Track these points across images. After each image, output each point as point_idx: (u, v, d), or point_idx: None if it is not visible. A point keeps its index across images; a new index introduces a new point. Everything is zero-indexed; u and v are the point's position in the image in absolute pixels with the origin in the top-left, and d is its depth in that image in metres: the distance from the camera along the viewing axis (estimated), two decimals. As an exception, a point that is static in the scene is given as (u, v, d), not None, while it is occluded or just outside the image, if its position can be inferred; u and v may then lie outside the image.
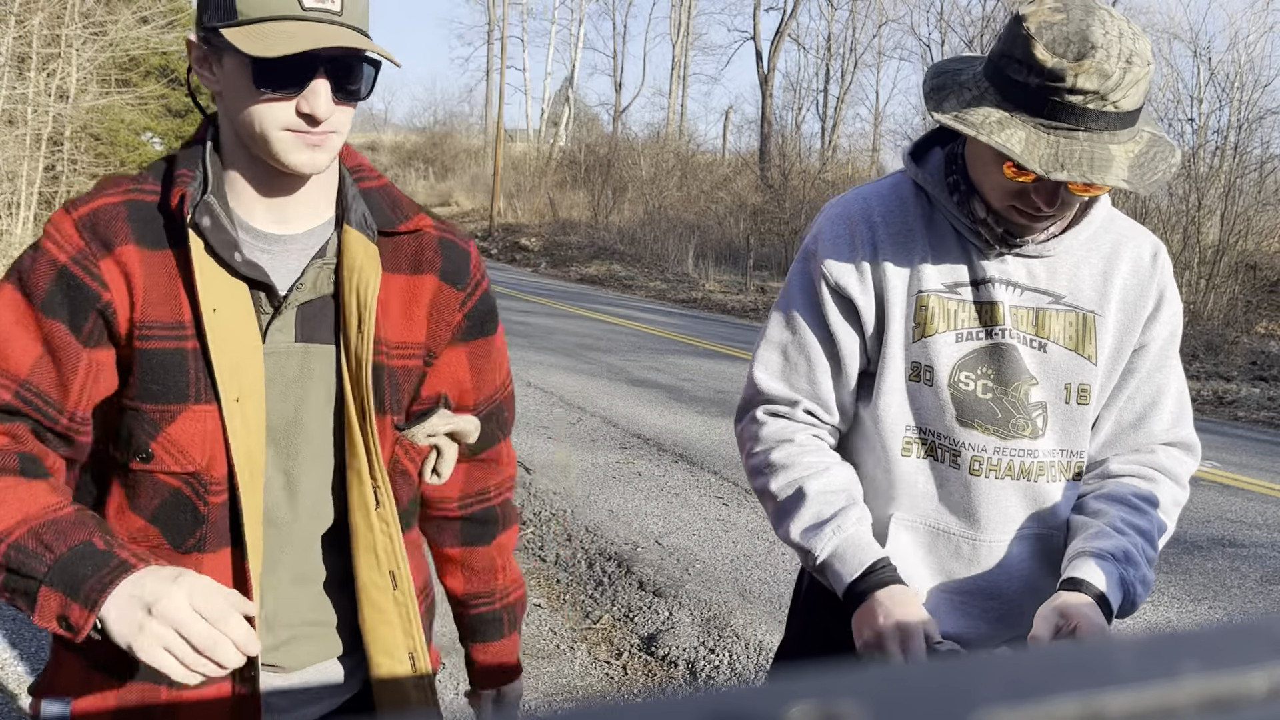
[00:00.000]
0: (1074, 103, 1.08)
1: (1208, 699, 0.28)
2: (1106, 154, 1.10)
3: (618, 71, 41.59)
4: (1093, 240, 1.27)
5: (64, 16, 12.29)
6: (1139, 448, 1.31)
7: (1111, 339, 1.26)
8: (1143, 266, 1.27)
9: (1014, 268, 1.25)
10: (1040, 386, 1.25)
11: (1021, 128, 1.10)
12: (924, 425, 1.27)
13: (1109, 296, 1.26)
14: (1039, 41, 1.08)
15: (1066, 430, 1.27)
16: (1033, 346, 1.25)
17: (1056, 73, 1.07)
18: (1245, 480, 5.83)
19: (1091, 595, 1.16)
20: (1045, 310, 1.25)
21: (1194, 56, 17.26)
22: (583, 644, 3.30)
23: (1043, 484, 1.27)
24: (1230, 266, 13.33)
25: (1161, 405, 1.30)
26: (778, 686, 0.27)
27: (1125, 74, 1.08)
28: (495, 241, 24.61)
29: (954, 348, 1.25)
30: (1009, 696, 0.27)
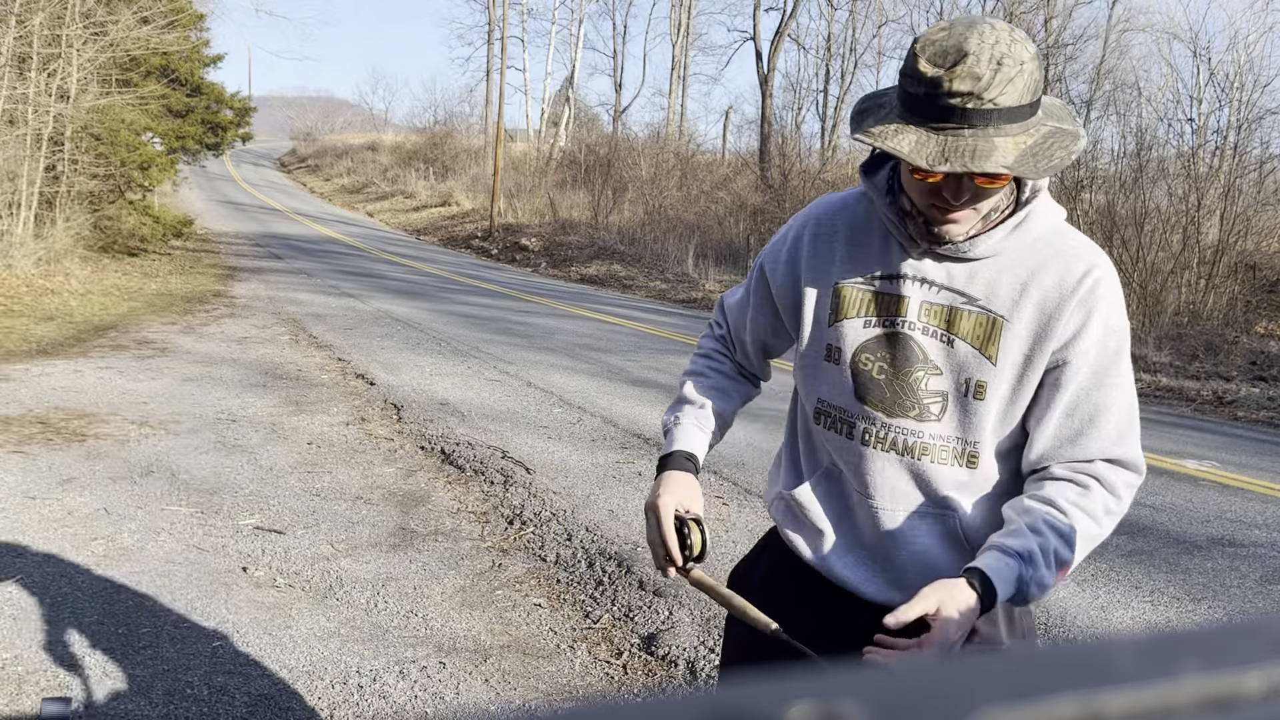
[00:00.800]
0: (953, 104, 1.22)
1: (1207, 699, 0.28)
2: (990, 145, 1.22)
3: (618, 71, 41.56)
4: (1026, 252, 1.37)
5: (64, 16, 12.29)
6: (1079, 459, 1.37)
7: (1019, 346, 1.36)
8: (1067, 284, 1.35)
9: (932, 268, 1.38)
10: (943, 377, 1.38)
11: (914, 132, 1.25)
12: (829, 399, 1.47)
13: (1023, 306, 1.35)
14: (922, 56, 1.24)
15: (961, 420, 1.39)
16: (940, 340, 1.38)
17: (935, 80, 1.22)
18: (1245, 480, 5.82)
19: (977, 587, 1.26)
20: (958, 309, 1.37)
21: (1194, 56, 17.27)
22: (583, 644, 3.30)
23: (927, 463, 1.40)
24: (1230, 266, 13.33)
25: (1101, 423, 1.36)
26: (778, 686, 0.27)
27: (996, 74, 1.21)
28: (495, 241, 24.59)
29: (859, 332, 1.42)
30: (1009, 696, 0.27)
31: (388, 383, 7.35)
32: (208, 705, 2.75)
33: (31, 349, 7.96)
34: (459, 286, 15.58)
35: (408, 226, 30.40)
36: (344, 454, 5.43)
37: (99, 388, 6.63)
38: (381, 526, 4.31)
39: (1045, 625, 3.61)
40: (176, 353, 8.18)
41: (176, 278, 13.88)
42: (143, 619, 3.26)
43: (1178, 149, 16.03)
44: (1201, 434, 7.41)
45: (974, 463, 1.40)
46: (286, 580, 3.67)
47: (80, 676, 2.86)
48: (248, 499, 4.57)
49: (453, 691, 2.93)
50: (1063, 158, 1.24)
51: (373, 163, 42.59)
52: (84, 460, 4.99)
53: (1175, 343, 11.63)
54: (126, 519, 4.20)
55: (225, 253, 18.30)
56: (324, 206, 35.56)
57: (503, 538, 4.26)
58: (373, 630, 3.29)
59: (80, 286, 11.65)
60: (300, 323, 10.26)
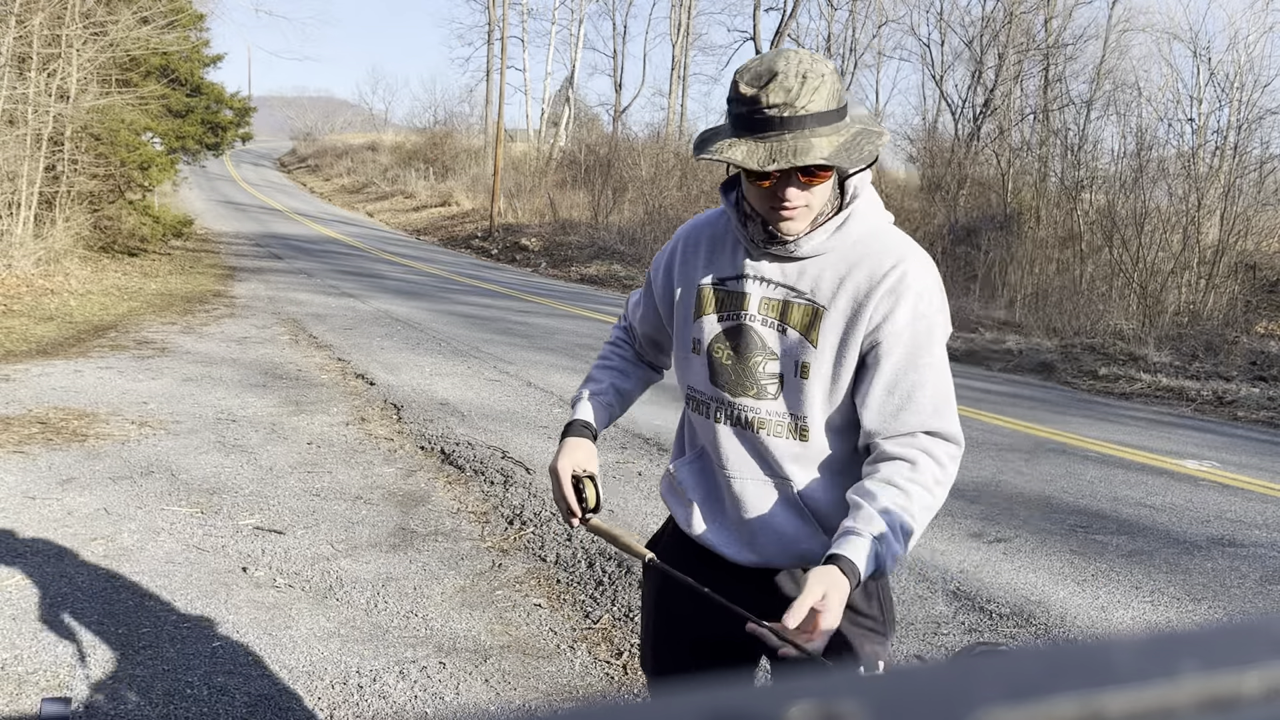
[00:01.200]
0: (771, 115, 1.44)
1: (1207, 699, 0.28)
2: (809, 144, 1.44)
3: (618, 71, 41.55)
4: (848, 250, 1.58)
5: (64, 17, 12.28)
6: (902, 433, 1.55)
7: (835, 330, 1.57)
8: (876, 275, 1.55)
9: (769, 268, 1.61)
10: (779, 361, 1.60)
11: (744, 144, 1.46)
12: (693, 385, 1.71)
13: (839, 296, 1.56)
14: (741, 81, 1.47)
15: (793, 398, 1.61)
16: (776, 329, 1.60)
17: (754, 98, 1.45)
18: (1245, 480, 5.82)
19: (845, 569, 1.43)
20: (790, 302, 1.59)
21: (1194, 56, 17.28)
22: (583, 644, 3.30)
23: (765, 436, 1.62)
24: (1230, 266, 13.33)
25: (918, 399, 1.55)
26: (778, 687, 0.27)
27: (803, 86, 1.44)
28: (495, 241, 24.59)
29: (715, 326, 1.65)
30: (1009, 696, 0.27)
31: (388, 383, 7.35)
32: (208, 705, 2.75)
33: (31, 349, 7.96)
34: (459, 286, 15.58)
35: (408, 226, 30.41)
36: (344, 454, 5.43)
37: (99, 388, 6.63)
38: (381, 526, 4.32)
39: (1045, 625, 3.61)
40: (176, 353, 8.18)
41: (176, 278, 13.88)
42: (143, 619, 3.26)
43: (1178, 149, 16.03)
44: (1201, 434, 7.41)
45: (805, 435, 1.61)
46: (286, 580, 3.67)
47: (80, 676, 2.87)
48: (248, 499, 4.57)
49: (453, 691, 2.93)
50: (871, 151, 1.47)
51: (373, 163, 42.57)
52: (84, 460, 4.99)
53: (1175, 343, 11.63)
54: (126, 519, 4.20)
55: (225, 253, 18.30)
56: (324, 206, 35.57)
57: (503, 538, 4.26)
58: (373, 630, 3.29)
59: (80, 286, 11.65)
60: (300, 323, 10.27)
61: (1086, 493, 5.34)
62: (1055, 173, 17.57)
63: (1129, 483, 5.60)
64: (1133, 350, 11.24)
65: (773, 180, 1.48)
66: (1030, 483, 5.49)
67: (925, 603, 3.73)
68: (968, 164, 20.08)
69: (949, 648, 3.38)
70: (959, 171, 19.66)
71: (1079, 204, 15.63)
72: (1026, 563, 4.20)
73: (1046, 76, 22.43)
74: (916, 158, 23.85)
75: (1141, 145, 15.45)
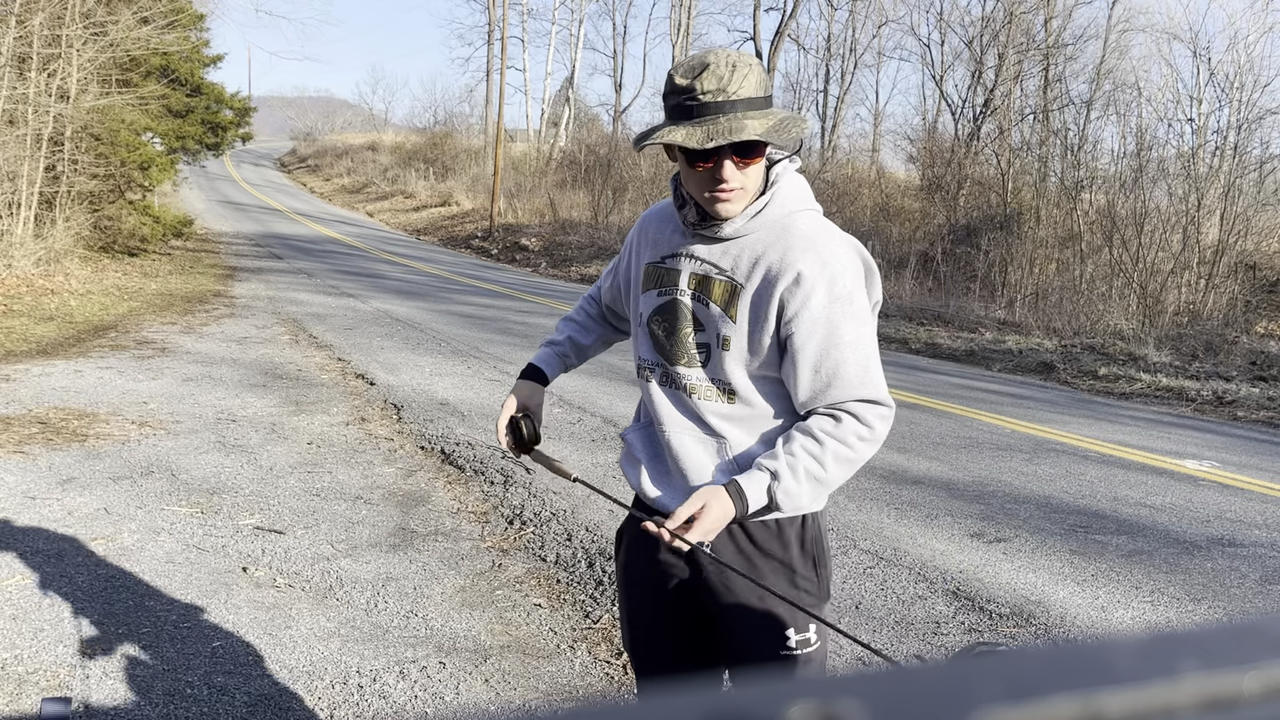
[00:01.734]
0: (706, 100, 1.58)
1: (1207, 699, 0.28)
2: (742, 125, 1.57)
3: (618, 72, 41.60)
4: (770, 237, 1.70)
5: (64, 17, 12.28)
6: (834, 404, 1.69)
7: (749, 306, 1.70)
8: (789, 258, 1.67)
9: (699, 248, 1.76)
10: (704, 332, 1.76)
11: (682, 128, 1.59)
12: (641, 355, 1.87)
13: (754, 274, 1.70)
14: (676, 74, 1.61)
15: (716, 366, 1.75)
16: (701, 303, 1.75)
17: (688, 86, 1.59)
18: (1245, 480, 5.82)
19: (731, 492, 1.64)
20: (712, 278, 1.74)
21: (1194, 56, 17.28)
22: (583, 644, 3.30)
23: (696, 400, 1.77)
24: (1230, 266, 13.33)
25: (842, 375, 1.68)
26: (778, 686, 0.27)
27: (733, 74, 1.57)
28: (495, 241, 24.59)
29: (654, 301, 1.82)
30: (1009, 696, 0.27)
31: (388, 383, 7.35)
32: (208, 705, 2.75)
33: (31, 349, 7.96)
34: (459, 286, 15.58)
35: (408, 226, 30.40)
36: (344, 454, 5.43)
37: (99, 388, 6.63)
38: (381, 526, 4.32)
39: (1045, 625, 3.61)
40: (176, 353, 8.18)
41: (176, 278, 13.88)
42: (143, 619, 3.26)
43: (1178, 149, 16.03)
44: (1201, 434, 7.41)
45: (731, 398, 1.76)
46: (286, 580, 3.67)
47: (80, 676, 2.87)
48: (248, 499, 4.57)
49: (453, 691, 2.93)
50: (797, 133, 1.61)
51: (373, 163, 42.58)
52: (84, 460, 4.99)
53: (1175, 343, 11.63)
54: (126, 519, 4.20)
55: (225, 253, 18.30)
56: (324, 206, 35.56)
57: (503, 538, 4.26)
58: (373, 630, 3.29)
59: (80, 286, 11.65)
60: (300, 323, 10.27)
61: (1086, 493, 5.34)
62: (1055, 173, 17.57)
63: (1129, 483, 5.60)
64: (1133, 350, 11.24)
65: (711, 162, 1.61)
66: (1030, 483, 5.49)
67: (925, 603, 3.73)
68: (968, 164, 20.08)
69: (949, 648, 3.38)
70: (959, 171, 19.66)
71: (1079, 204, 15.63)
72: (1026, 563, 4.20)
73: (1046, 76, 22.43)
74: (916, 158, 23.85)
75: (1141, 145, 15.45)
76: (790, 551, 1.77)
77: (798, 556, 1.78)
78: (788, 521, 1.77)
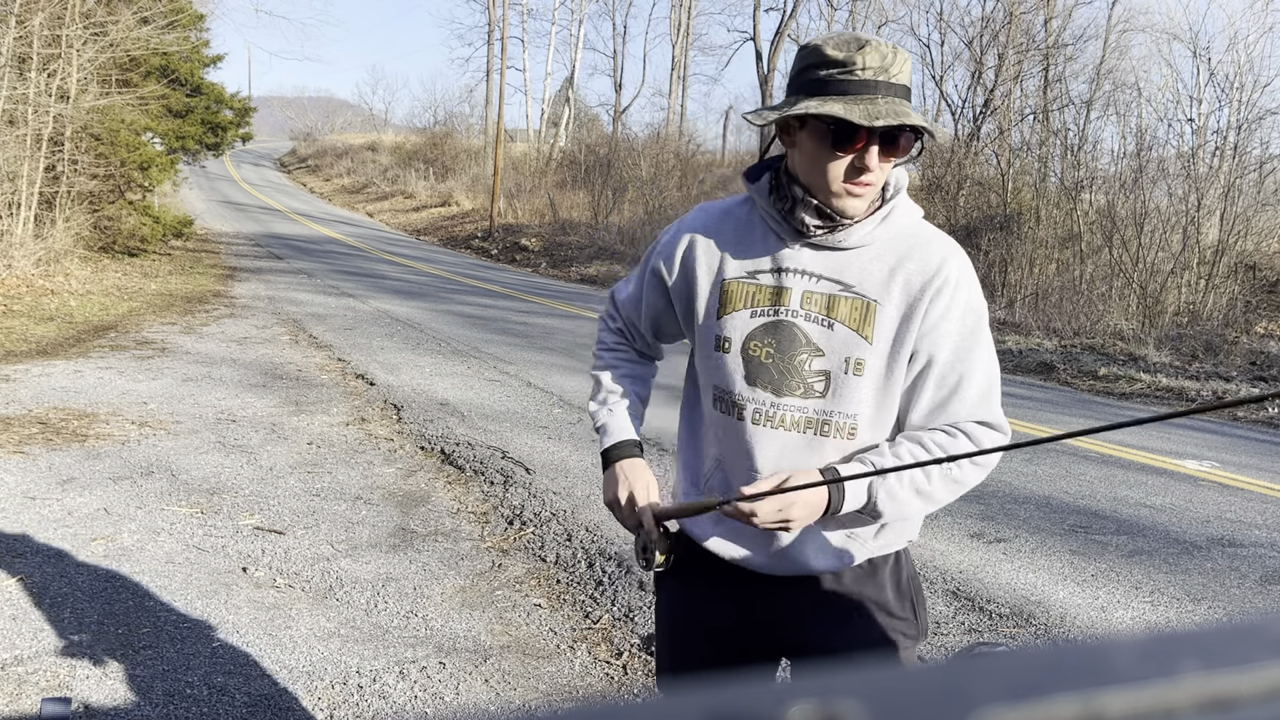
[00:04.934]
0: (866, 78, 1.39)
1: (1207, 699, 0.28)
2: (905, 109, 1.39)
3: (618, 72, 41.59)
4: (892, 241, 1.52)
5: (64, 17, 12.28)
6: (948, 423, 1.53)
7: (890, 324, 1.50)
8: (929, 267, 1.50)
9: (811, 260, 1.52)
10: (825, 358, 1.51)
11: (837, 102, 1.39)
12: (721, 385, 1.58)
13: (891, 289, 1.50)
14: (827, 46, 1.41)
15: (843, 395, 1.52)
16: (821, 324, 1.51)
17: (847, 60, 1.39)
18: (1245, 480, 5.82)
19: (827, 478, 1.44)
20: (836, 296, 1.51)
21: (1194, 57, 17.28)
22: (583, 644, 3.30)
23: (811, 436, 1.53)
24: (1230, 267, 13.33)
25: (965, 389, 1.52)
26: (778, 686, 0.27)
27: (895, 56, 1.40)
28: (495, 242, 24.59)
29: (748, 322, 1.55)
30: (1009, 696, 0.27)
31: (388, 383, 7.35)
32: (208, 705, 2.75)
33: (31, 349, 7.96)
34: (459, 287, 15.58)
35: (408, 227, 30.40)
36: (344, 454, 5.43)
37: (99, 388, 6.63)
38: (381, 527, 4.31)
39: (1045, 625, 3.61)
40: (176, 353, 8.18)
41: (176, 278, 13.88)
42: (143, 619, 3.26)
43: (1178, 149, 16.03)
44: (1201, 434, 7.41)
45: (853, 435, 1.53)
46: (286, 580, 3.67)
47: (80, 676, 2.86)
48: (248, 499, 4.57)
49: (453, 691, 2.93)
50: (939, 136, 1.47)
51: (373, 163, 42.58)
52: (84, 460, 4.99)
53: (1175, 343, 11.63)
54: (126, 519, 4.20)
55: (225, 253, 18.29)
56: (324, 207, 35.56)
57: (503, 538, 4.26)
58: (373, 630, 3.29)
59: (80, 286, 11.65)
60: (300, 323, 10.26)
61: (1086, 493, 5.34)
62: (1055, 173, 17.56)
63: (1129, 483, 5.60)
64: (1133, 350, 11.24)
65: (857, 147, 1.41)
66: (1030, 483, 5.49)
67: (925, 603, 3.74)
68: (968, 164, 20.08)
69: (949, 648, 3.38)
70: (959, 171, 19.66)
71: (1079, 204, 15.63)
72: (1026, 563, 4.20)
73: (1046, 77, 22.43)
74: (916, 158, 23.78)
75: (1141, 145, 15.45)
76: (885, 593, 1.59)
77: (893, 598, 1.60)
78: (881, 560, 1.59)
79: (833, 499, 1.44)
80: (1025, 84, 23.29)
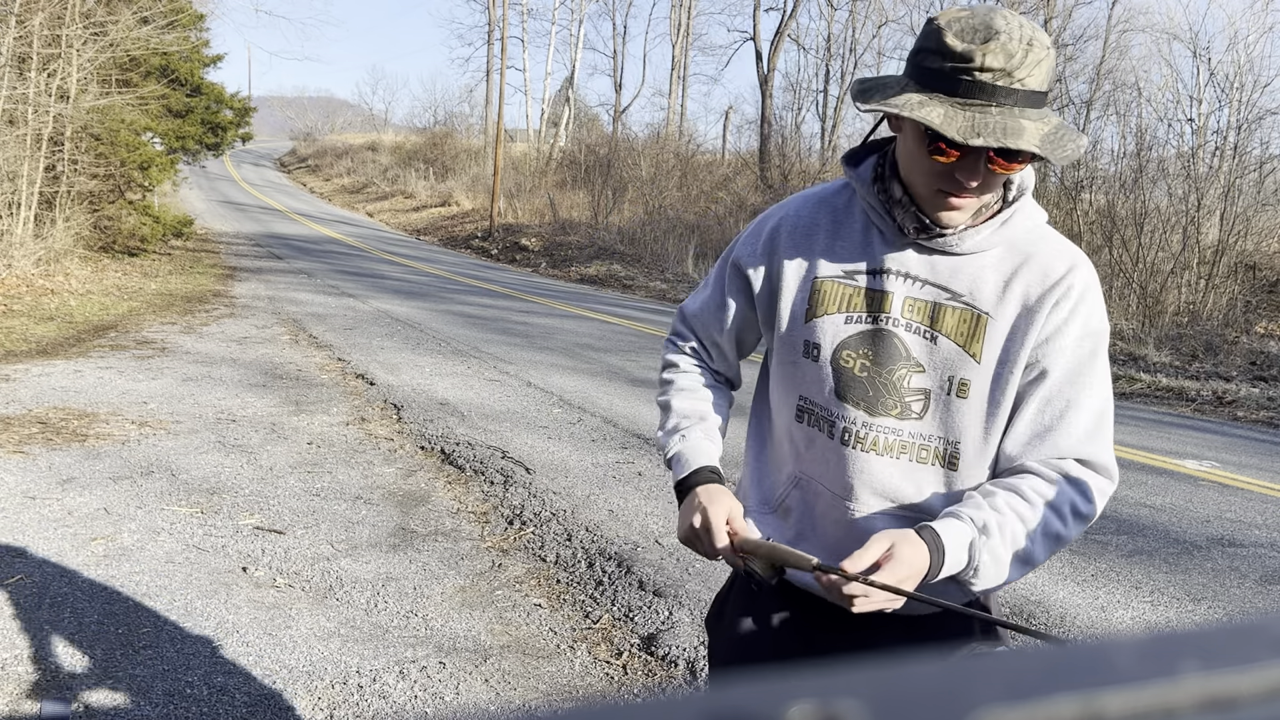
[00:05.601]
0: (984, 80, 1.19)
1: (1207, 699, 0.28)
2: (1019, 125, 1.19)
3: (618, 72, 41.60)
4: (1010, 248, 1.34)
5: (64, 17, 12.28)
6: (1050, 456, 1.33)
7: (1002, 341, 1.32)
8: (1050, 279, 1.32)
9: (916, 263, 1.34)
10: (926, 374, 1.34)
11: (940, 105, 1.20)
12: (808, 396, 1.41)
13: (1006, 301, 1.32)
14: (949, 32, 1.21)
15: (944, 419, 1.34)
16: (924, 336, 1.33)
17: (966, 54, 1.19)
18: (1245, 480, 5.82)
19: (927, 539, 1.24)
20: (942, 305, 1.33)
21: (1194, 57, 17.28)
22: (583, 644, 3.30)
23: (905, 462, 1.35)
24: (1230, 267, 13.32)
25: (1071, 420, 1.32)
26: (777, 686, 0.27)
27: (1027, 54, 1.19)
28: (495, 241, 24.59)
29: (841, 328, 1.37)
30: (1009, 696, 0.27)
31: (388, 383, 7.35)
32: (208, 705, 2.75)
33: (31, 349, 7.96)
34: (459, 286, 15.58)
35: (408, 227, 30.40)
36: (344, 454, 5.43)
37: (99, 388, 6.63)
38: (381, 526, 4.32)
39: (1045, 625, 3.61)
40: (176, 353, 8.18)
41: (176, 278, 13.88)
42: (143, 619, 3.26)
43: (1178, 149, 16.04)
44: (1201, 434, 7.41)
45: (954, 464, 1.35)
46: (286, 580, 3.67)
47: (80, 676, 2.86)
48: (248, 499, 4.57)
49: (453, 691, 2.93)
50: (1074, 149, 1.22)
51: (373, 163, 42.59)
52: (84, 460, 4.99)
53: (1175, 343, 11.63)
54: (126, 519, 4.20)
55: (225, 253, 18.29)
56: (324, 206, 35.56)
57: (503, 538, 4.26)
58: (373, 630, 3.29)
59: (80, 286, 11.65)
60: (300, 323, 10.26)
61: (1086, 493, 5.34)
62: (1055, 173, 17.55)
63: (1129, 483, 5.60)
64: (1133, 350, 11.24)
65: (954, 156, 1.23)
66: (1030, 483, 5.49)
67: (925, 603, 3.73)
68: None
69: (949, 648, 3.38)
70: (959, 171, 19.65)
71: (1079, 204, 15.63)
72: (1026, 563, 4.20)
73: (1046, 76, 22.40)
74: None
75: (1141, 145, 15.45)
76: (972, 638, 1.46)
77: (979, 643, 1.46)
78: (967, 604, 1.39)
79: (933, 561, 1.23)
80: (1025, 84, 23.22)
